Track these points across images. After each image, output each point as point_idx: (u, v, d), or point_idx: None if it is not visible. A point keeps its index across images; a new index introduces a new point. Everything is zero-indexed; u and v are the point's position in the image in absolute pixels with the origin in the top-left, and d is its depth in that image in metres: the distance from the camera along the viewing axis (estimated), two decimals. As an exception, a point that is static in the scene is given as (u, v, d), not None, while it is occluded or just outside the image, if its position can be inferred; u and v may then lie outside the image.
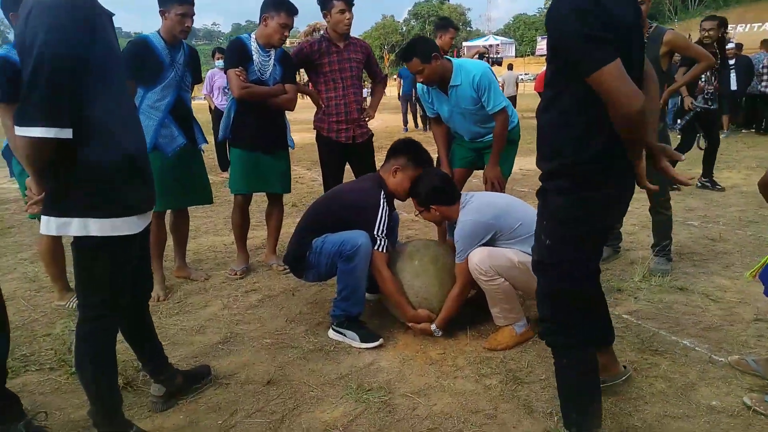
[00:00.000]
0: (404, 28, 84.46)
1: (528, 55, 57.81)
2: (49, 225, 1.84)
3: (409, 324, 3.07)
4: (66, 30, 1.67)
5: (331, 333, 3.12)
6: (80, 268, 1.93)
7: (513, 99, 18.73)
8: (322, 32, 4.07)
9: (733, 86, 9.92)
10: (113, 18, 1.94)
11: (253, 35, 3.75)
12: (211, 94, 8.00)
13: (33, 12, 1.66)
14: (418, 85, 3.68)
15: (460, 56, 5.76)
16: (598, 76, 1.60)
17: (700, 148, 6.71)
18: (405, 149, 3.16)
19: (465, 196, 3.08)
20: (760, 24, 33.19)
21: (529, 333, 2.99)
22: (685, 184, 1.91)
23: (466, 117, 3.66)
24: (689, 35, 7.55)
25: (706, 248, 4.42)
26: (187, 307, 3.58)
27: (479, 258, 2.82)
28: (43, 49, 1.63)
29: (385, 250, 3.02)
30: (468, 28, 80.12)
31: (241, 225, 4.09)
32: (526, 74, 23.84)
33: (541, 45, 58.86)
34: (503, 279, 2.82)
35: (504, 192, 3.81)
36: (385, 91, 5.00)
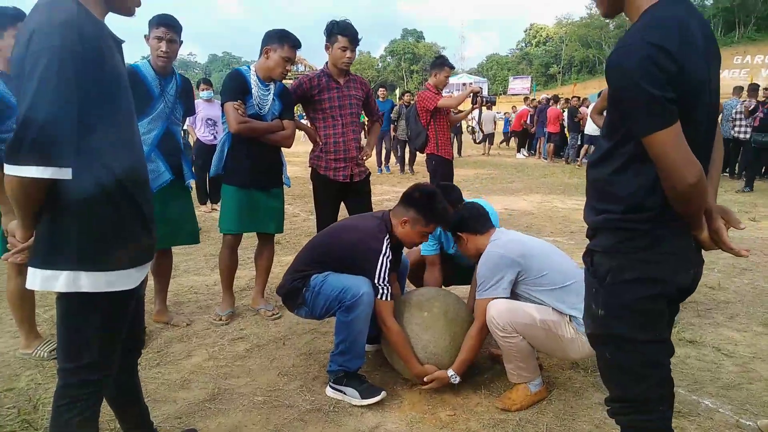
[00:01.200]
0: (380, 64, 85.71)
1: (500, 94, 58.97)
2: (33, 278, 1.58)
3: (421, 379, 2.82)
4: (72, 57, 1.46)
5: (329, 391, 2.86)
6: (66, 326, 1.67)
7: (491, 136, 19.02)
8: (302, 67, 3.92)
9: None
10: (122, 46, 1.73)
11: (252, 67, 3.56)
12: (194, 125, 7.77)
13: (35, 36, 1.44)
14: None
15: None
16: (651, 140, 1.45)
17: None
18: (417, 202, 2.89)
19: (498, 231, 2.93)
20: (728, 70, 34.44)
21: (543, 393, 2.78)
22: (739, 255, 1.71)
23: None
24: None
25: (707, 297, 4.32)
26: (168, 356, 3.28)
27: (497, 311, 2.63)
28: (46, 77, 1.41)
29: (389, 299, 2.80)
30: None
31: (230, 267, 3.83)
32: (502, 113, 24.30)
33: (513, 84, 60.36)
34: (521, 337, 2.63)
35: None
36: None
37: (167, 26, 3.28)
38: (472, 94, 5.69)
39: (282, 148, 3.81)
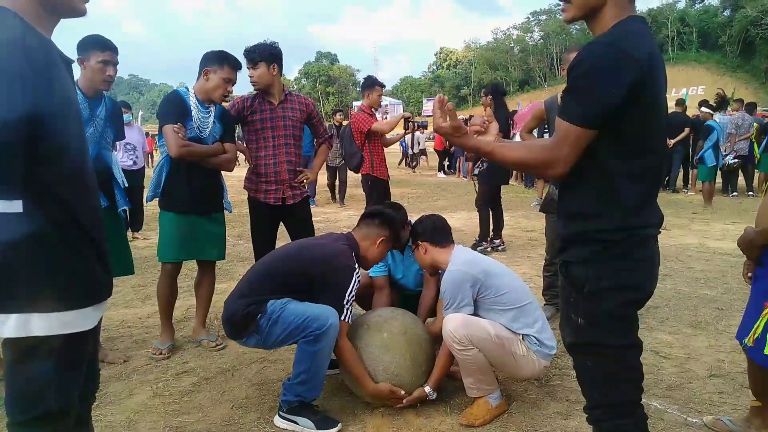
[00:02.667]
0: (295, 86, 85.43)
1: (415, 116, 60.46)
2: None
3: (403, 401, 2.79)
4: (18, 79, 1.32)
5: (277, 420, 2.75)
6: (16, 374, 1.48)
7: (419, 156, 19.69)
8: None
9: None
10: (71, 66, 1.60)
11: (191, 89, 3.43)
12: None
13: None
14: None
15: (350, 117, 5.86)
16: (567, 127, 1.56)
17: None
18: (392, 223, 2.99)
19: (457, 249, 2.95)
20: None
21: (503, 406, 2.82)
22: None
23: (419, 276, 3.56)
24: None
25: (636, 303, 4.55)
26: (108, 397, 3.05)
27: (454, 325, 2.65)
28: None
29: (349, 321, 2.75)
30: (357, 89, 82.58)
31: (169, 297, 3.62)
32: (427, 135, 25.08)
33: (427, 106, 61.88)
34: (478, 350, 2.66)
35: None
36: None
37: (114, 50, 3.15)
38: (403, 119, 5.79)
39: (222, 172, 3.68)
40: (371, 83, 5.63)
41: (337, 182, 11.41)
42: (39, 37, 1.42)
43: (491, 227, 6.69)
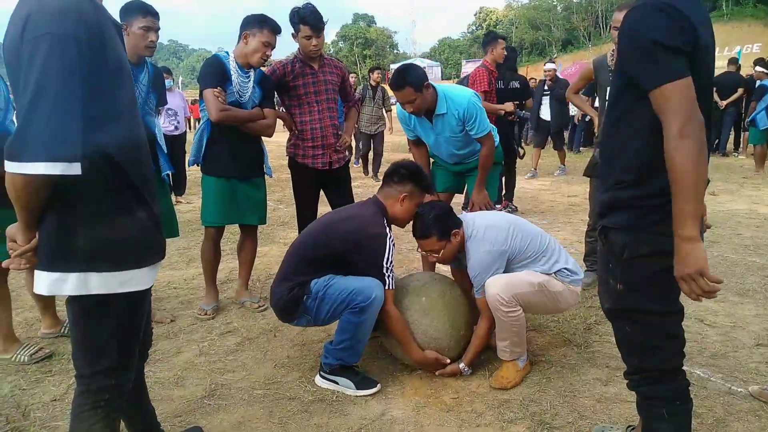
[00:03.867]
0: (332, 50, 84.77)
1: (454, 78, 59.36)
2: (39, 282, 1.48)
3: (423, 365, 2.84)
4: (74, 42, 1.35)
5: (318, 380, 2.82)
6: (79, 331, 1.57)
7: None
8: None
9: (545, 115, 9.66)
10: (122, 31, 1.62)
11: (231, 53, 3.44)
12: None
13: (31, 19, 1.33)
14: (398, 108, 3.50)
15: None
16: (662, 91, 1.47)
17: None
18: (411, 175, 2.88)
19: (466, 223, 2.89)
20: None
21: (528, 367, 2.87)
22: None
23: (450, 143, 3.56)
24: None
25: (680, 270, 4.45)
26: (156, 354, 3.17)
27: (498, 288, 2.65)
28: (48, 65, 1.31)
29: (393, 287, 2.77)
30: (395, 51, 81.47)
31: (213, 260, 3.73)
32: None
33: (466, 68, 60.68)
34: (522, 309, 2.68)
35: None
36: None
37: (155, 15, 3.18)
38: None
39: (262, 137, 3.71)
40: (493, 37, 5.61)
41: (371, 154, 10.15)
42: (92, 3, 1.46)
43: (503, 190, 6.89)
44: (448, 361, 2.82)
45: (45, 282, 1.48)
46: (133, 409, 1.96)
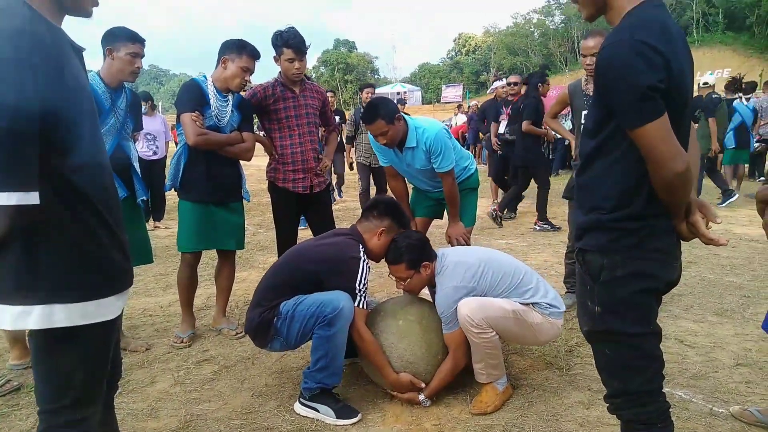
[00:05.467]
0: (314, 75, 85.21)
1: (435, 102, 59.97)
2: (2, 315, 1.41)
3: (393, 393, 2.80)
4: (28, 67, 1.30)
5: (297, 407, 2.76)
6: (43, 365, 1.50)
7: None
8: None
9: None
10: (83, 54, 1.58)
11: (209, 77, 3.42)
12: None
13: None
14: (371, 137, 3.50)
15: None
16: (641, 132, 1.50)
17: None
18: (390, 211, 2.95)
19: (438, 258, 2.89)
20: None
21: (509, 390, 2.84)
22: (718, 244, 1.77)
23: (422, 174, 3.61)
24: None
25: (660, 291, 4.47)
26: (130, 384, 3.08)
27: (469, 309, 2.63)
28: (1, 93, 1.26)
29: (366, 307, 2.75)
30: (376, 76, 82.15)
31: (189, 286, 3.65)
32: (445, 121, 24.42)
33: (446, 92, 61.42)
34: (494, 332, 2.65)
35: (469, 243, 3.71)
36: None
37: (142, 43, 3.17)
38: None
39: (240, 161, 3.68)
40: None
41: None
42: (48, 26, 1.40)
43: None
44: (423, 385, 2.78)
45: (8, 316, 1.41)
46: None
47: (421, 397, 2.77)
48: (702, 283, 4.66)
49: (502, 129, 8.00)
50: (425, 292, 3.14)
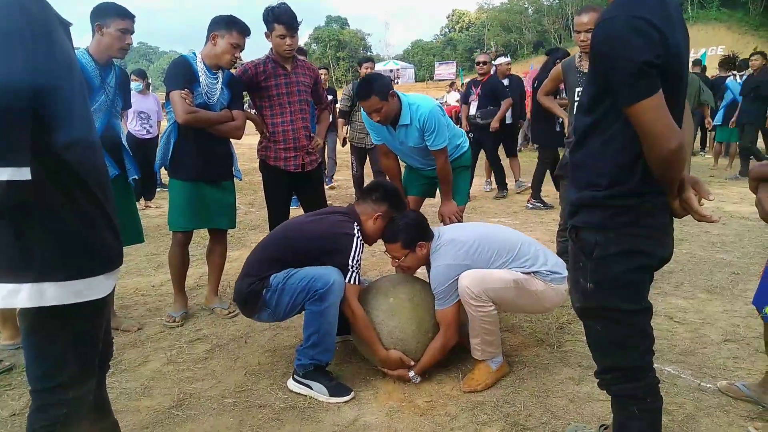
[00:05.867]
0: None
1: (428, 80, 59.59)
2: None
3: (384, 370, 2.82)
4: (19, 43, 1.29)
5: (291, 384, 2.78)
6: (34, 344, 1.50)
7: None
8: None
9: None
10: (70, 29, 1.55)
11: (198, 54, 3.37)
12: (126, 118, 7.36)
13: None
14: (364, 115, 3.45)
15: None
16: (635, 109, 1.49)
17: None
18: (390, 197, 2.94)
19: (435, 236, 2.90)
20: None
21: (504, 368, 2.84)
22: (710, 221, 1.77)
23: (415, 152, 3.57)
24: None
25: (650, 269, 4.51)
26: (123, 364, 3.09)
27: (470, 281, 2.64)
28: None
29: (357, 282, 2.75)
30: (368, 53, 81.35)
31: (181, 266, 3.64)
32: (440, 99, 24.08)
33: (439, 70, 60.98)
34: (494, 306, 2.66)
35: (462, 221, 3.70)
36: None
37: (132, 19, 3.12)
38: None
39: (231, 140, 3.64)
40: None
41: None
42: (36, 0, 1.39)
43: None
44: (413, 363, 2.80)
45: None
46: (95, 424, 1.88)
47: (411, 373, 2.79)
48: (692, 260, 4.70)
49: (472, 111, 7.58)
50: (422, 271, 3.14)
